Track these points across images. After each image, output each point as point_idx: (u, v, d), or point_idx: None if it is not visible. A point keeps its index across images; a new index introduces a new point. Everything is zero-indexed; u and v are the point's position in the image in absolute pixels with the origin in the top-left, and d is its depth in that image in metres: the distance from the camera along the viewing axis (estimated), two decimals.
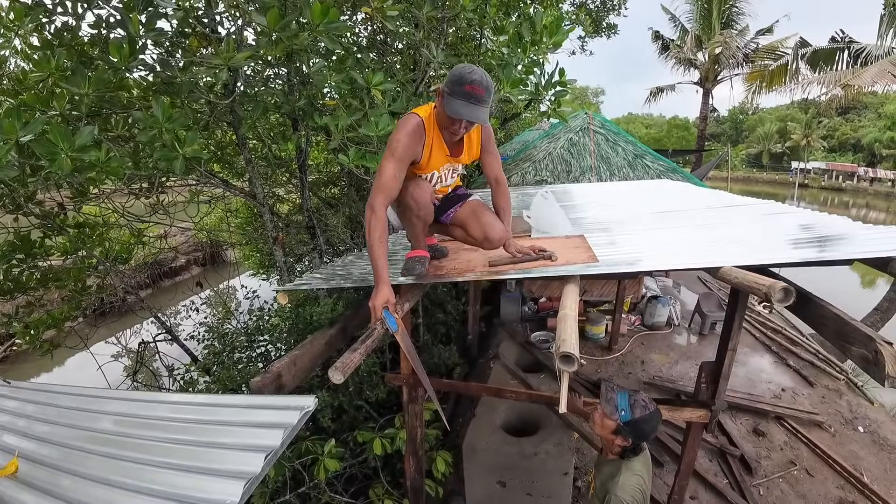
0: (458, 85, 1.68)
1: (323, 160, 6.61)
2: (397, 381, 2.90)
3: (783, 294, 1.28)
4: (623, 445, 1.90)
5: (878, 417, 4.72)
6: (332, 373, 1.23)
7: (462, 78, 1.68)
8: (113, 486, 1.18)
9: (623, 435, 1.87)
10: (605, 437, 1.95)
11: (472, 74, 1.68)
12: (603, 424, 1.93)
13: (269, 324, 4.50)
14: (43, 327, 3.86)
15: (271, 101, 3.41)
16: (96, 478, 1.23)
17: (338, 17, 2.14)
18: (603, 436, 1.96)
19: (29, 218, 3.60)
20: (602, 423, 1.93)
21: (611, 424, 1.89)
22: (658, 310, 6.38)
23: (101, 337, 5.92)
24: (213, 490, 1.01)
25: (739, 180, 40.36)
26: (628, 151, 6.57)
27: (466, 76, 1.68)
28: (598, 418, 1.95)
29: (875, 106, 38.50)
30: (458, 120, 1.76)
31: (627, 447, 1.90)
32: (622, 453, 1.92)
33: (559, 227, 2.72)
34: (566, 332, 1.17)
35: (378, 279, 1.66)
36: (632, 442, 1.88)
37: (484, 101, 1.70)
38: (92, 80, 2.28)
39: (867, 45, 8.88)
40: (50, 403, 1.81)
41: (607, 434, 1.92)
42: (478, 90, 1.67)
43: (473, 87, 1.67)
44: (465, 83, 1.67)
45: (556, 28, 3.00)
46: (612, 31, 11.42)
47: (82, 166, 2.16)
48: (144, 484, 1.14)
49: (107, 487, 1.18)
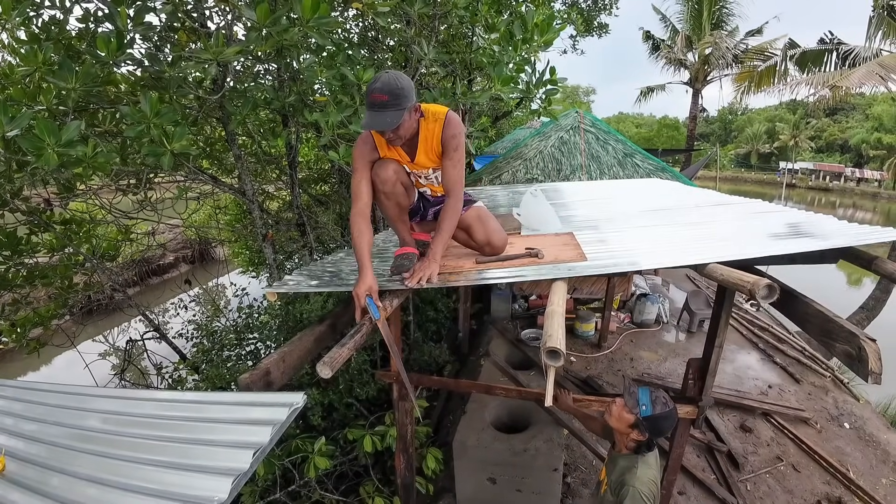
0: (367, 96, 1.72)
1: (313, 157, 6.59)
2: (387, 377, 2.90)
3: (767, 291, 1.30)
4: (638, 440, 1.92)
5: (863, 414, 4.80)
6: (320, 367, 1.23)
7: (368, 88, 1.71)
8: (101, 483, 1.17)
9: (640, 430, 1.90)
10: (621, 430, 1.97)
11: (375, 83, 1.69)
12: (621, 417, 1.95)
13: (258, 321, 4.49)
14: (30, 325, 3.81)
15: (261, 97, 3.39)
16: (84, 476, 1.22)
17: (328, 13, 2.13)
18: (619, 429, 1.98)
19: (15, 214, 3.55)
20: (620, 416, 1.95)
21: (629, 418, 1.91)
22: (647, 307, 6.44)
23: (88, 335, 5.86)
24: (201, 487, 1.01)
25: (728, 180, 40.76)
26: (618, 150, 6.61)
27: (370, 85, 1.70)
28: (617, 411, 1.97)
29: (863, 107, 39.01)
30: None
31: (642, 442, 1.92)
32: (637, 448, 1.95)
33: (549, 224, 2.74)
34: (553, 328, 1.18)
35: (361, 268, 1.75)
36: (647, 437, 1.91)
37: (388, 104, 1.68)
38: (79, 75, 2.25)
39: (855, 47, 8.99)
40: (36, 402, 1.79)
41: (624, 427, 1.94)
42: (379, 97, 1.67)
43: (374, 95, 1.68)
44: (370, 93, 1.69)
45: (547, 26, 3.01)
46: (604, 31, 11.47)
47: (69, 161, 2.14)
48: (133, 482, 1.13)
49: (95, 485, 1.17)
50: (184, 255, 13.35)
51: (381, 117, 1.69)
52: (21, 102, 2.32)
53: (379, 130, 1.80)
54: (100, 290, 4.78)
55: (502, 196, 4.67)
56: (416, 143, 1.94)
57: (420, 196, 2.24)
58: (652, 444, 1.95)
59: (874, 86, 8.27)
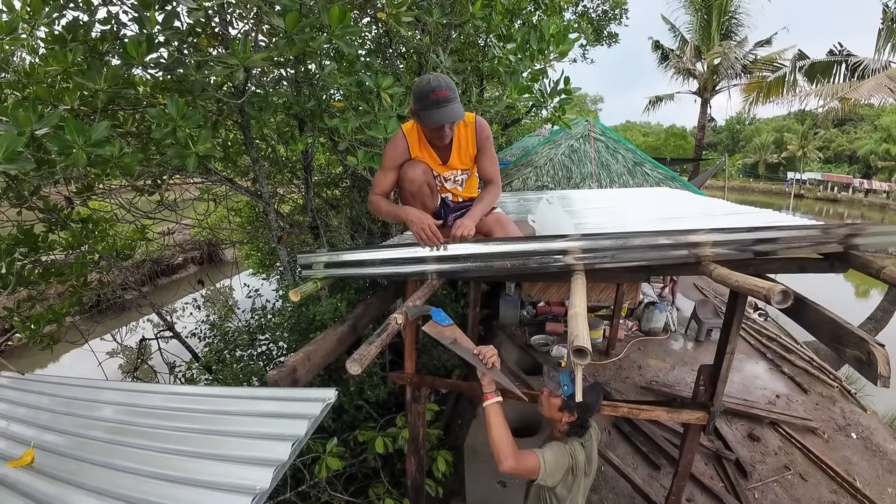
0: (425, 98, 1.83)
1: (325, 161, 6.65)
2: (401, 380, 2.93)
3: (782, 296, 1.33)
4: (570, 421, 2.00)
5: (870, 424, 4.78)
6: (349, 364, 1.27)
7: (423, 91, 1.83)
8: (133, 473, 1.20)
9: (569, 410, 1.98)
10: (553, 416, 2.04)
11: (430, 84, 1.82)
12: (550, 404, 2.03)
13: (270, 323, 4.53)
14: (44, 322, 3.87)
15: (280, 102, 3.46)
16: (115, 466, 1.25)
17: (352, 22, 2.19)
18: (551, 416, 2.05)
19: (34, 211, 3.61)
20: (549, 403, 2.04)
21: (556, 402, 2.00)
22: (655, 316, 6.44)
23: (98, 334, 5.92)
24: (243, 476, 1.04)
25: (735, 189, 40.62)
26: (628, 159, 6.64)
27: (426, 88, 1.82)
28: (545, 399, 2.06)
29: (871, 118, 38.87)
30: (441, 126, 1.90)
31: (574, 422, 2.00)
32: (569, 430, 2.02)
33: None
34: (578, 329, 1.22)
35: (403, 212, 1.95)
36: (577, 416, 1.99)
37: (451, 99, 1.82)
38: (107, 76, 2.32)
39: (865, 59, 8.99)
40: (62, 396, 1.83)
41: (555, 413, 2.03)
42: (442, 93, 1.80)
43: (437, 93, 1.80)
44: (430, 93, 1.81)
45: (562, 37, 3.07)
46: (613, 40, 11.56)
47: (96, 161, 2.20)
48: (166, 471, 1.17)
49: (127, 475, 1.20)
50: (192, 257, 13.46)
51: (451, 110, 1.83)
52: (46, 101, 2.38)
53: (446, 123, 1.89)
54: (114, 288, 4.84)
55: (511, 203, 4.70)
56: (449, 146, 2.08)
57: (441, 201, 2.30)
58: (585, 424, 2.03)
59: (883, 97, 8.28)
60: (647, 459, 4.14)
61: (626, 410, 2.75)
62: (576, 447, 1.99)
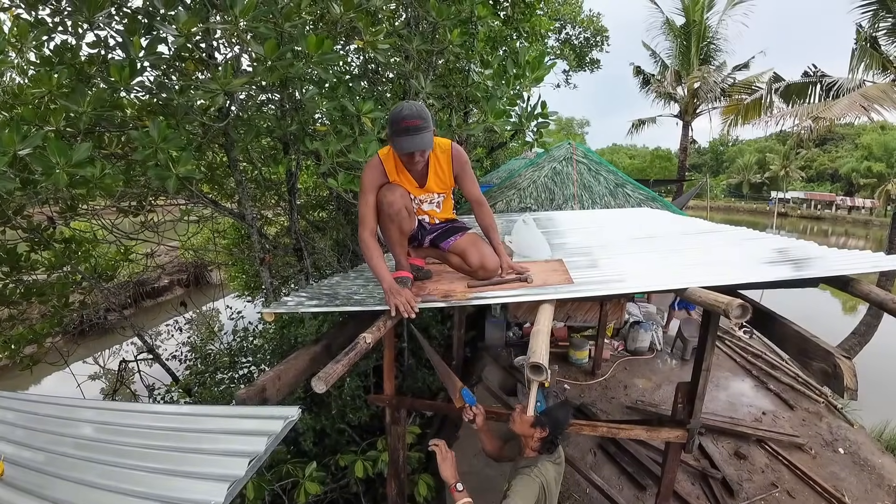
0: (396, 125, 1.90)
1: (312, 184, 6.71)
2: (379, 401, 2.92)
3: (740, 311, 1.37)
4: (542, 437, 2.02)
5: (857, 439, 4.80)
6: (314, 382, 1.28)
7: (395, 118, 1.90)
8: (99, 488, 1.21)
9: (541, 426, 2.01)
10: (525, 432, 2.06)
11: (402, 112, 1.89)
12: (522, 420, 2.06)
13: (252, 345, 4.50)
14: (24, 342, 3.81)
15: (264, 126, 3.51)
16: (81, 481, 1.26)
17: (332, 49, 2.26)
18: (523, 432, 2.07)
19: (17, 231, 3.60)
20: (521, 419, 2.06)
21: (529, 418, 2.03)
22: (641, 335, 6.47)
23: (80, 356, 5.82)
24: (197, 490, 1.05)
25: (721, 209, 41.30)
26: (610, 181, 6.77)
27: (398, 115, 1.89)
28: (518, 415, 2.09)
29: (852, 136, 39.97)
30: (410, 153, 1.96)
31: (546, 438, 2.02)
32: (541, 447, 2.04)
33: (539, 251, 2.82)
34: (537, 345, 1.24)
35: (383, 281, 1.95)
36: (549, 432, 2.01)
37: (421, 128, 1.89)
38: (91, 99, 2.35)
39: (839, 79, 9.28)
40: (31, 412, 1.83)
41: (527, 429, 2.05)
42: (413, 122, 1.87)
43: (408, 121, 1.87)
44: (401, 120, 1.88)
45: (538, 63, 3.17)
46: (595, 66, 11.90)
47: (77, 181, 2.22)
48: (129, 486, 1.19)
49: (93, 490, 1.21)
50: (179, 279, 13.33)
51: (420, 139, 1.89)
52: (32, 122, 2.41)
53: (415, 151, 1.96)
54: (95, 309, 4.79)
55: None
56: (426, 171, 2.14)
57: (419, 223, 2.34)
58: (556, 440, 2.06)
59: (857, 116, 8.50)
60: (632, 480, 4.12)
61: (605, 430, 2.76)
62: (547, 467, 2.00)
